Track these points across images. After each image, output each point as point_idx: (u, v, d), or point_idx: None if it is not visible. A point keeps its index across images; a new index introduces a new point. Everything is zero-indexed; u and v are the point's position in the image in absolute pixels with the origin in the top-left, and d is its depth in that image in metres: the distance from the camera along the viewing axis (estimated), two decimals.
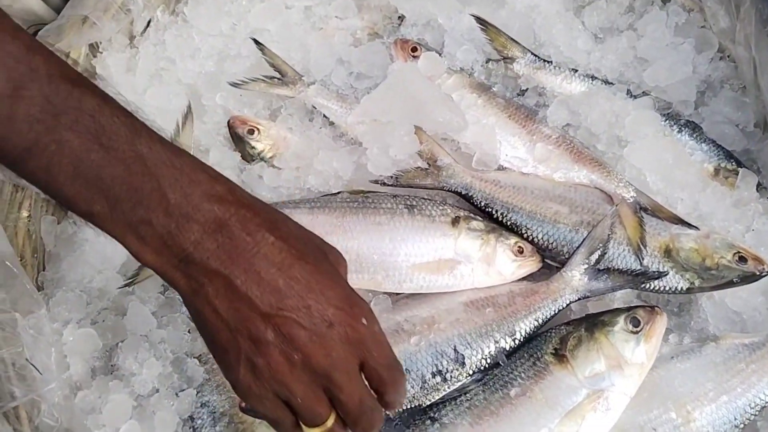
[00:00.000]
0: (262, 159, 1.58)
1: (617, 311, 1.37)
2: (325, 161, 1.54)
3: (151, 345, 1.40)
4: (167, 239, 0.80)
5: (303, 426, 0.88)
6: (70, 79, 0.80)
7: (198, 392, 1.39)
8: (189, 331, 1.42)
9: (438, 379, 1.36)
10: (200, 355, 1.41)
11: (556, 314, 1.42)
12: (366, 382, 0.89)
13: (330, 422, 0.86)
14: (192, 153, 1.48)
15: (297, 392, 0.83)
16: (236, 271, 0.80)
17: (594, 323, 1.36)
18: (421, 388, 1.35)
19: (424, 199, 1.52)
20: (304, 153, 1.57)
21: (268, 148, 1.58)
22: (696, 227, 1.46)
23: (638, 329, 1.32)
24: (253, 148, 1.58)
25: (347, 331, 0.83)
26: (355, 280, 1.44)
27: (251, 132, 1.59)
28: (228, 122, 1.61)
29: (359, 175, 1.55)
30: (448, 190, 1.54)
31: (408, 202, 1.50)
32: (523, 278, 1.48)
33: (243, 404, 1.35)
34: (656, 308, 1.36)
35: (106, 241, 1.44)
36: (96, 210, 0.82)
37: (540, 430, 1.26)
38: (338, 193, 1.53)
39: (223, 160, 1.56)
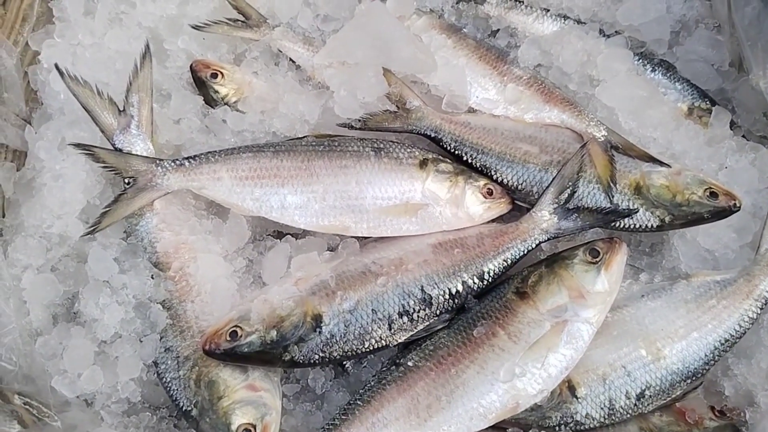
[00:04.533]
0: (225, 103, 1.54)
1: (577, 246, 1.36)
2: (291, 105, 1.50)
3: (113, 291, 1.37)
4: None
5: None
6: None
7: (161, 337, 1.36)
8: (152, 277, 1.39)
9: (405, 319, 1.34)
10: (164, 300, 1.38)
11: (525, 254, 1.40)
12: None
13: None
14: (152, 96, 1.47)
15: None
16: None
17: (554, 260, 1.35)
18: (388, 328, 1.33)
19: (391, 141, 1.48)
20: (270, 97, 1.53)
21: (233, 93, 1.55)
22: (667, 164, 1.43)
23: (597, 259, 1.30)
24: (216, 92, 1.54)
25: None
26: (323, 224, 1.43)
27: (214, 76, 1.55)
28: (191, 66, 1.56)
29: (326, 118, 1.51)
30: (418, 133, 1.51)
31: (375, 145, 1.46)
32: (493, 220, 1.46)
33: (206, 347, 1.35)
34: (615, 238, 1.35)
35: (64, 184, 1.44)
36: None
37: (504, 365, 1.24)
38: (304, 137, 1.49)
39: (184, 104, 1.52)
